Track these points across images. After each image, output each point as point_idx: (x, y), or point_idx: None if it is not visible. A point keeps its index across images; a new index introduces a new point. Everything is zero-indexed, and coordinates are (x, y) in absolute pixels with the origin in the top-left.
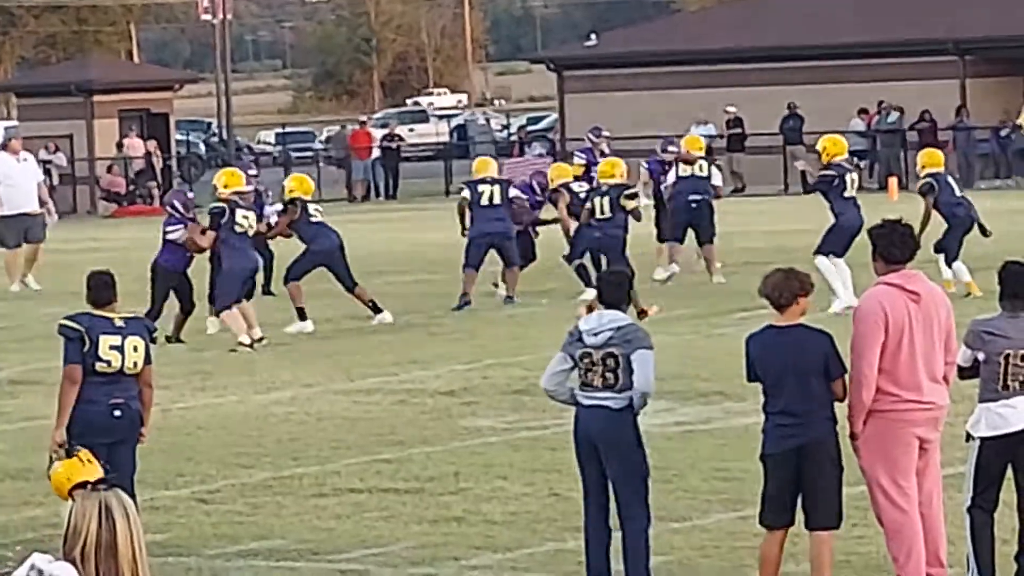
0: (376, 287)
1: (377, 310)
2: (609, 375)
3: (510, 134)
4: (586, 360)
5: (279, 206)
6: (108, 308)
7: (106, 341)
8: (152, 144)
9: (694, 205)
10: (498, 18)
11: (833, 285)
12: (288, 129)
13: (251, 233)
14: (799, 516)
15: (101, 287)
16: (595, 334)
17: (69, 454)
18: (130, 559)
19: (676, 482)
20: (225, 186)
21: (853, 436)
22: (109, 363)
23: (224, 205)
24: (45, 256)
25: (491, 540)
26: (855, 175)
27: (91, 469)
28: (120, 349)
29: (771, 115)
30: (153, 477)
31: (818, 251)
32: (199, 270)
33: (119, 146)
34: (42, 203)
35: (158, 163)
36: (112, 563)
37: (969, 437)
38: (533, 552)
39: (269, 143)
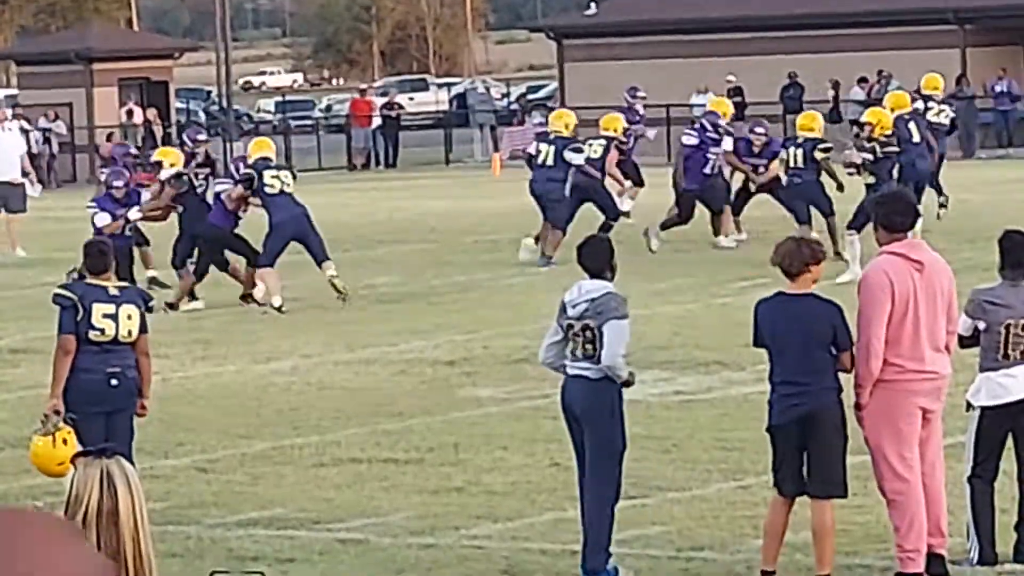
0: (377, 256)
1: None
2: (588, 346)
3: (510, 103)
4: (569, 331)
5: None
6: (104, 276)
7: (99, 309)
8: (152, 112)
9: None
10: None
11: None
12: (288, 98)
13: (288, 190)
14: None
15: (97, 255)
16: (574, 305)
17: (66, 423)
18: (131, 527)
19: (675, 452)
20: (250, 155)
21: (858, 407)
22: (102, 331)
23: (251, 172)
24: (40, 225)
25: (491, 510)
26: None
27: (66, 451)
28: (114, 317)
29: (771, 84)
30: (153, 446)
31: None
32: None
33: (129, 113)
34: (24, 173)
35: (158, 131)
36: (113, 531)
37: (969, 406)
38: (533, 522)
39: (269, 112)
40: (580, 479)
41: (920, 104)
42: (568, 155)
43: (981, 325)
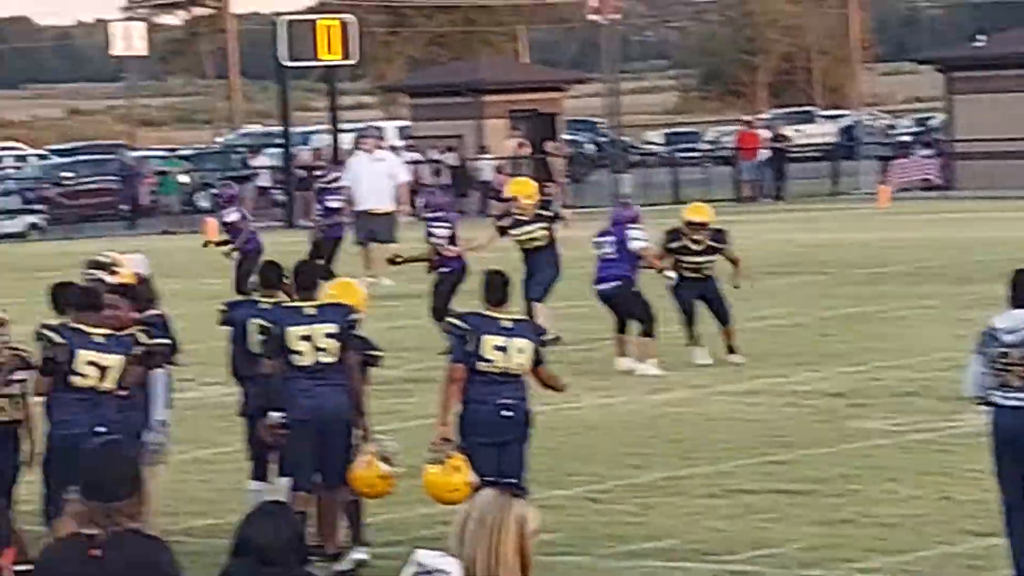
0: (767, 288)
1: None
2: None
3: (897, 135)
4: (1003, 360)
5: None
6: (500, 308)
7: (490, 341)
8: (553, 145)
9: None
10: (884, 18)
11: None
12: (675, 129)
13: None
14: None
15: (498, 286)
16: (1012, 332)
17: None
18: (509, 560)
19: None
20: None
21: None
22: (492, 362)
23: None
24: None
25: (882, 543)
26: None
27: (459, 479)
28: (504, 350)
29: None
30: (544, 476)
31: None
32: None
33: (519, 145)
34: (399, 203)
35: (555, 164)
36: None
37: None
38: (925, 555)
39: (656, 143)
40: (1008, 514)
41: None
42: None
43: None
